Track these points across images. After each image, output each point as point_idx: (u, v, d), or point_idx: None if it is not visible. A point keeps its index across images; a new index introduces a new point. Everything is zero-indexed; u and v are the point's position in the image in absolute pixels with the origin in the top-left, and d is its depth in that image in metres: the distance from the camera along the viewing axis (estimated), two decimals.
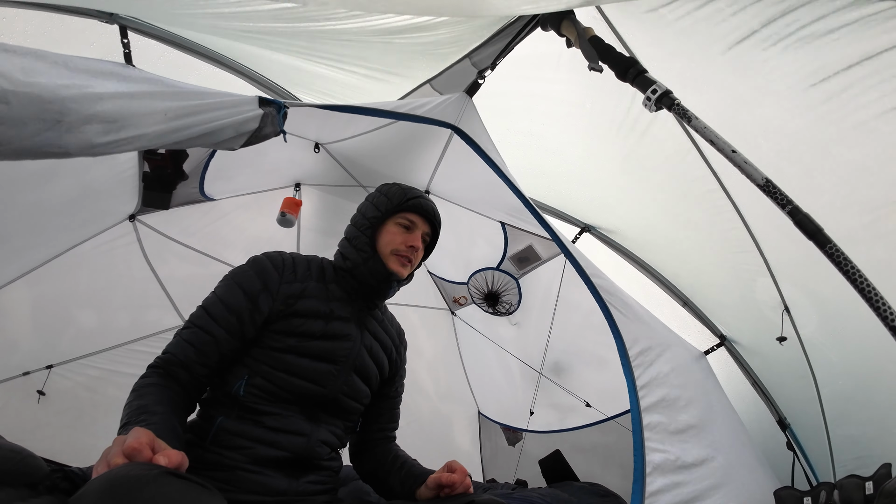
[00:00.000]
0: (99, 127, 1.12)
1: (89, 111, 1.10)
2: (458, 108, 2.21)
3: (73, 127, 1.07)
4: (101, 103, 1.12)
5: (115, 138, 1.15)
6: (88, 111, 1.10)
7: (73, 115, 1.07)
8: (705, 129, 1.21)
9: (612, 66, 1.47)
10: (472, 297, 3.67)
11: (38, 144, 1.03)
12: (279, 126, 1.49)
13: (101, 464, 0.72)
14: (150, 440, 0.73)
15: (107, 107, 1.13)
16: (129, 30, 2.01)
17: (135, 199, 2.71)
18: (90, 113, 1.10)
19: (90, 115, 1.10)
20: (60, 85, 1.06)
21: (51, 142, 1.05)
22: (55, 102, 1.04)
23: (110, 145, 1.15)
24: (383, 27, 1.84)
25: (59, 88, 1.06)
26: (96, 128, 1.11)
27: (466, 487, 1.16)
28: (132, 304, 3.11)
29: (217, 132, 1.33)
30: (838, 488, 1.67)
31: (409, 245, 1.36)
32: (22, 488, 1.00)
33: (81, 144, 1.10)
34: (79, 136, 1.09)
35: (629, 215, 2.84)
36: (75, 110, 1.07)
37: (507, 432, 3.87)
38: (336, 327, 1.26)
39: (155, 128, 1.21)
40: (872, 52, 1.34)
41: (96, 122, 1.11)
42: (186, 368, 1.14)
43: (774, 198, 1.08)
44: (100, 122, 1.12)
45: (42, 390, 2.87)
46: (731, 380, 2.71)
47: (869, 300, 0.98)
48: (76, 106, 1.08)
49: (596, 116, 2.29)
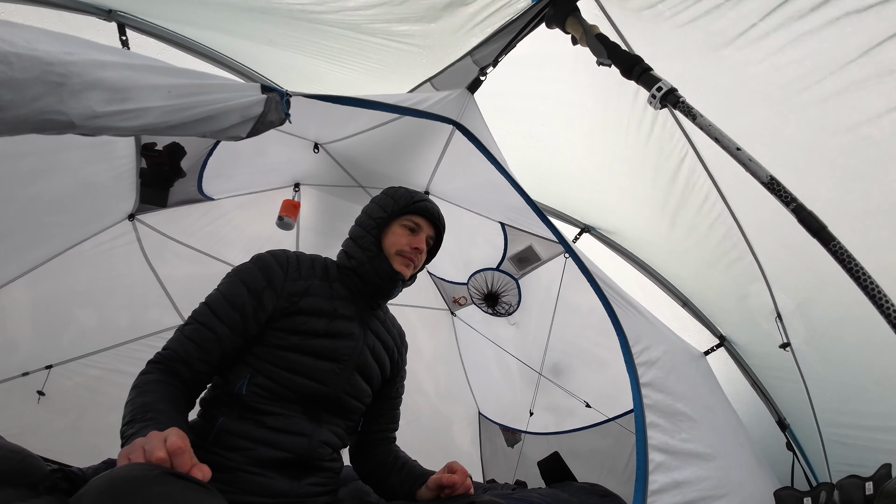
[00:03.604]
0: (102, 94, 1.10)
1: (92, 76, 1.09)
2: (459, 105, 2.21)
3: (75, 91, 1.06)
4: (104, 70, 1.11)
5: (118, 108, 1.13)
6: (92, 76, 1.08)
7: (75, 78, 1.05)
8: (710, 127, 1.21)
9: (617, 64, 1.47)
10: (472, 298, 3.67)
11: (40, 109, 1.02)
12: (283, 111, 1.47)
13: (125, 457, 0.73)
14: (188, 445, 0.74)
15: (110, 74, 1.12)
16: (128, 27, 2.01)
17: (133, 197, 2.70)
18: (93, 79, 1.09)
19: (93, 80, 1.09)
20: (63, 52, 1.05)
21: (52, 107, 1.03)
22: (58, 65, 1.03)
23: (113, 116, 1.13)
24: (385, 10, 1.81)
25: (63, 55, 1.04)
26: (99, 95, 1.10)
27: (467, 488, 1.16)
28: (132, 303, 3.10)
29: (222, 116, 1.32)
30: (838, 488, 1.66)
31: (413, 246, 1.37)
32: (22, 488, 1.00)
33: (84, 112, 1.08)
34: (81, 102, 1.07)
35: (629, 216, 2.84)
36: (78, 74, 1.06)
37: (507, 433, 3.87)
38: (339, 326, 1.26)
39: (159, 103, 1.19)
40: (869, 46, 1.33)
41: (99, 88, 1.10)
42: (187, 365, 1.14)
43: (779, 195, 1.07)
44: (103, 90, 1.10)
45: (42, 391, 2.85)
46: (731, 380, 2.71)
47: (873, 298, 0.98)
48: (79, 70, 1.06)
49: (597, 117, 2.29)
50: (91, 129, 1.12)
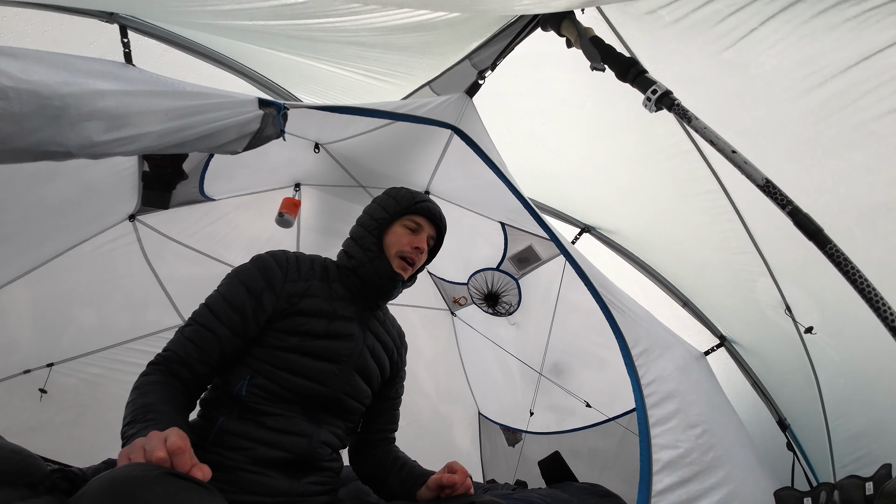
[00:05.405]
0: (100, 124, 1.11)
1: (90, 107, 1.09)
2: (458, 109, 2.21)
3: (73, 123, 1.07)
4: (101, 100, 1.12)
5: (116, 136, 1.14)
6: (89, 107, 1.09)
7: (73, 110, 1.06)
8: (705, 130, 1.21)
9: (613, 67, 1.47)
10: (472, 298, 3.67)
11: (39, 141, 1.03)
12: (279, 127, 1.48)
13: (125, 457, 0.73)
14: (189, 445, 0.74)
15: (107, 103, 1.13)
16: (129, 29, 2.01)
17: (134, 199, 2.71)
18: (90, 109, 1.09)
19: (90, 111, 1.09)
20: (60, 83, 1.06)
21: (51, 139, 1.04)
22: (55, 98, 1.04)
23: (111, 144, 1.14)
24: (383, 25, 1.83)
25: (60, 86, 1.05)
26: (97, 125, 1.10)
27: (467, 488, 1.16)
28: (132, 303, 3.11)
29: (219, 134, 1.33)
30: (838, 489, 1.66)
31: (414, 246, 1.38)
32: (22, 488, 1.00)
33: (82, 142, 1.09)
34: (79, 133, 1.08)
35: (629, 216, 2.84)
36: (75, 106, 1.07)
37: (507, 433, 3.87)
38: (339, 326, 1.27)
39: (156, 127, 1.20)
40: (871, 52, 1.35)
41: (97, 118, 1.10)
42: (187, 366, 1.14)
43: (774, 198, 1.08)
44: (100, 119, 1.11)
45: (44, 388, 2.87)
46: (731, 380, 2.71)
47: (869, 300, 0.98)
48: (76, 102, 1.07)
49: (597, 117, 2.29)
50: (90, 156, 1.13)
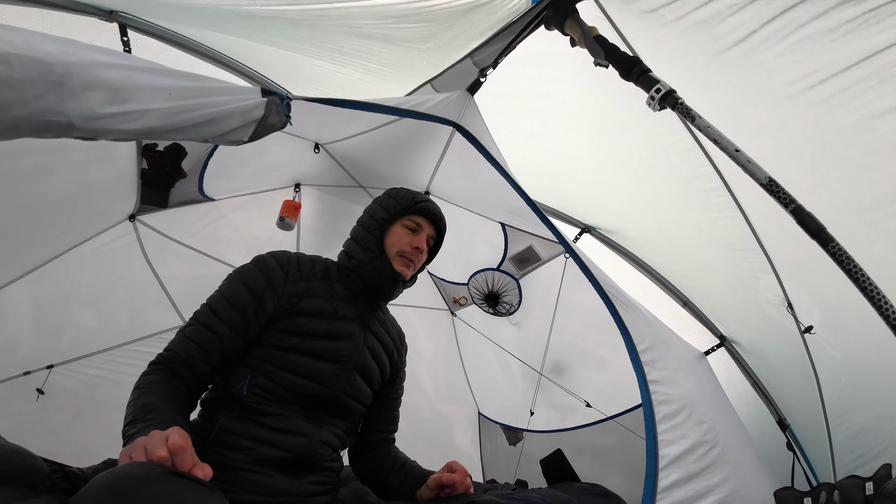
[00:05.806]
0: (102, 95, 1.09)
1: (92, 77, 1.08)
2: (459, 106, 2.21)
3: (75, 91, 1.05)
4: (104, 71, 1.10)
5: (119, 110, 1.12)
6: (92, 76, 1.08)
7: (76, 78, 1.05)
8: (709, 129, 1.21)
9: (616, 65, 1.47)
10: (473, 298, 3.67)
11: (40, 110, 1.01)
12: (284, 114, 1.47)
13: (126, 456, 0.73)
14: (190, 445, 0.74)
15: (111, 74, 1.11)
16: (129, 28, 2.01)
17: (133, 197, 2.70)
18: (94, 79, 1.08)
19: (93, 80, 1.08)
20: (63, 52, 1.05)
21: (52, 107, 1.03)
22: (58, 66, 1.02)
23: (114, 118, 1.12)
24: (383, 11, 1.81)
25: (63, 55, 1.04)
26: (99, 96, 1.09)
27: (467, 488, 1.16)
28: (132, 304, 3.10)
29: (223, 119, 1.31)
30: (838, 489, 1.66)
31: (414, 246, 1.38)
32: (22, 488, 1.00)
33: (84, 112, 1.07)
34: (81, 102, 1.06)
35: (630, 216, 2.84)
36: (78, 74, 1.05)
37: (508, 432, 3.87)
38: (339, 327, 1.27)
39: (160, 104, 1.18)
40: (871, 52, 1.35)
41: (100, 89, 1.09)
42: (188, 366, 1.14)
43: (777, 197, 1.07)
44: (103, 90, 1.10)
45: (41, 389, 2.86)
46: (731, 380, 2.71)
47: (871, 299, 0.98)
48: (79, 70, 1.06)
49: (597, 116, 2.29)
50: (91, 132, 1.11)
